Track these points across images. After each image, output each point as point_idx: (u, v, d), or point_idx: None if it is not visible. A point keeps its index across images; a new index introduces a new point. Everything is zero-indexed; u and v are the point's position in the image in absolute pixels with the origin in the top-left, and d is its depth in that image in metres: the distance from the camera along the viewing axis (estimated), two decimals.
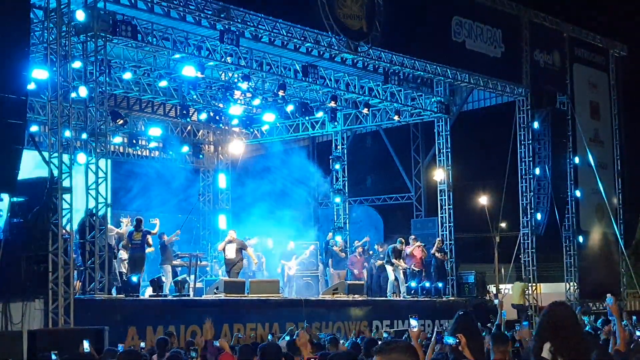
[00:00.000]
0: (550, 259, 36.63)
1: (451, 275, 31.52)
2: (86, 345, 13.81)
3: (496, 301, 15.32)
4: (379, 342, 13.73)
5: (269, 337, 20.58)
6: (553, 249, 34.99)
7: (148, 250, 25.01)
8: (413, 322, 9.48)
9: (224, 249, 26.27)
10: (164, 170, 33.91)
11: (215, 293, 24.24)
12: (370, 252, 30.67)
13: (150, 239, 24.56)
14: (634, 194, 38.08)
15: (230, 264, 25.93)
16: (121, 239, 24.58)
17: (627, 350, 9.05)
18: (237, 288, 24.63)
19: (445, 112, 32.29)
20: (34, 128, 26.51)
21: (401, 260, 29.42)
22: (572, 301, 32.52)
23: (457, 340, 7.48)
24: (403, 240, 29.83)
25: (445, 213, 32.24)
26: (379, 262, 29.89)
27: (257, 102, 30.78)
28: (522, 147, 32.78)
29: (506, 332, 14.37)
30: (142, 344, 17.60)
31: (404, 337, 17.11)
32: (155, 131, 32.20)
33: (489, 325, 21.36)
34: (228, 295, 23.96)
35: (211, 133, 36.01)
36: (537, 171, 32.51)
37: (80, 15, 20.92)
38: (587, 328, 19.30)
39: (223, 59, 25.93)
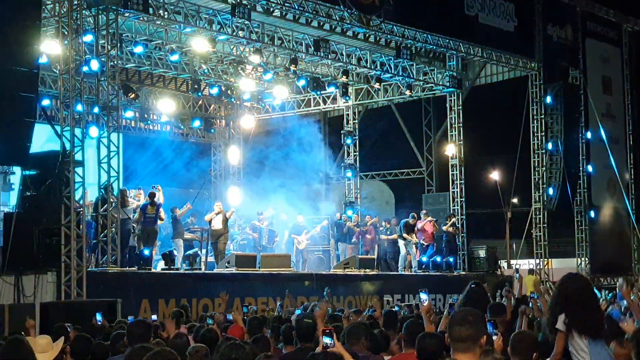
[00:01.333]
0: (562, 234, 36.60)
1: (462, 250, 31.50)
2: (99, 317, 13.91)
3: (517, 275, 15.33)
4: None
5: (278, 309, 20.55)
6: (565, 224, 34.96)
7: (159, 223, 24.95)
8: (423, 296, 9.54)
9: (210, 220, 25.99)
10: (175, 144, 33.97)
11: (226, 267, 24.31)
12: (381, 228, 30.62)
13: (163, 212, 24.57)
14: None
15: (216, 235, 25.72)
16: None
17: None
18: (248, 262, 24.70)
19: (457, 86, 32.16)
20: (45, 102, 26.54)
21: (413, 234, 29.41)
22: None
23: None
24: (415, 215, 29.81)
25: (457, 188, 32.18)
26: (384, 236, 29.95)
27: (268, 76, 30.71)
28: (535, 121, 32.70)
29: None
30: (154, 317, 17.65)
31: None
32: (166, 105, 32.22)
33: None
34: (239, 269, 24.02)
35: (222, 107, 36.00)
36: (550, 146, 32.43)
37: None
38: None
39: (234, 33, 25.87)
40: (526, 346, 7.67)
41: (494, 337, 7.24)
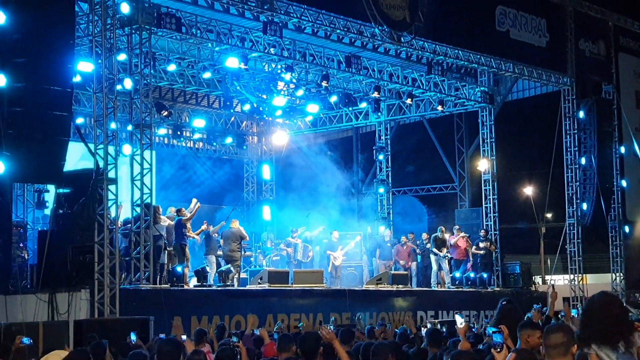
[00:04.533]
0: (596, 249, 36.35)
1: (496, 266, 31.33)
2: (133, 337, 13.99)
3: (550, 291, 15.22)
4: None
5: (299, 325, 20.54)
6: (599, 239, 34.72)
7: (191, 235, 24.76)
8: (459, 319, 9.63)
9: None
10: (207, 161, 34.13)
11: (259, 283, 24.33)
12: (418, 242, 30.49)
13: (209, 226, 24.60)
14: None
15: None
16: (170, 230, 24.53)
17: None
18: (280, 278, 24.72)
19: (489, 102, 32.10)
20: (79, 120, 26.76)
21: (444, 249, 29.30)
22: (618, 292, 32.24)
23: (502, 337, 7.46)
24: (443, 229, 29.70)
25: (490, 203, 32.07)
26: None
27: (300, 93, 30.86)
28: (568, 137, 32.54)
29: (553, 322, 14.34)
30: (184, 337, 17.64)
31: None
32: (199, 122, 32.39)
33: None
34: (272, 285, 24.03)
35: (255, 124, 36.12)
36: (583, 161, 32.23)
37: (125, 8, 21.06)
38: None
39: (266, 50, 25.98)
40: None
41: (498, 350, 7.17)
